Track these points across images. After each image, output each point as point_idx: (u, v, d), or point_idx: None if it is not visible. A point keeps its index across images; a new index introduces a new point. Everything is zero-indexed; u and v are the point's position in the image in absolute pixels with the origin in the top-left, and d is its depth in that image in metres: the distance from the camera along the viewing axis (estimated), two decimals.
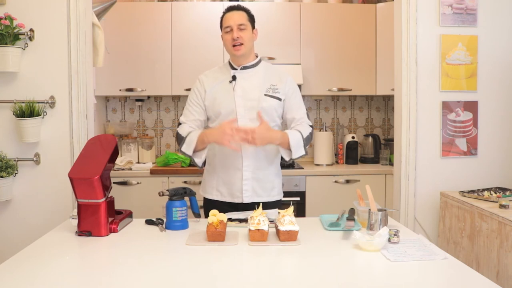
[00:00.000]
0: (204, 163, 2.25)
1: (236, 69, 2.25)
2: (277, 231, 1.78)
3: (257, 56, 2.29)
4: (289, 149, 2.15)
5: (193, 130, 2.20)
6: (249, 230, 1.75)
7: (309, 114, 2.33)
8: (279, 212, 1.82)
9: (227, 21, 2.19)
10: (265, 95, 2.21)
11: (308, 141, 2.22)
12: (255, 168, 2.21)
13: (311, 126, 2.26)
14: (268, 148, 2.24)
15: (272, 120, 2.23)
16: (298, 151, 2.16)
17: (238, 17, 2.17)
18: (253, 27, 2.24)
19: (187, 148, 2.16)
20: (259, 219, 1.74)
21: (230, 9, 2.22)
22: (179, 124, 2.28)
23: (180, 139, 2.20)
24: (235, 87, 2.21)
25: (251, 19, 2.23)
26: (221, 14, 2.24)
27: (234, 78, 2.22)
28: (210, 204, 2.26)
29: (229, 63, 2.28)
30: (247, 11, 2.23)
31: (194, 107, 2.26)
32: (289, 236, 1.74)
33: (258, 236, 1.74)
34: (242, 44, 2.16)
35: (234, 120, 2.13)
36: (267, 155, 2.25)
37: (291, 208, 1.81)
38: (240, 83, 2.22)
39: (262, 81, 2.24)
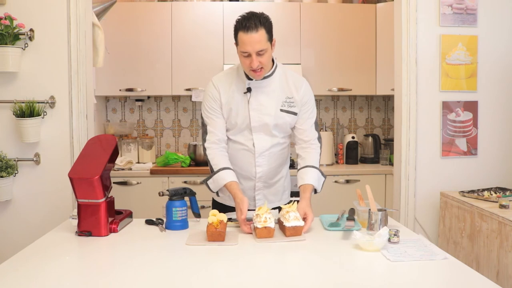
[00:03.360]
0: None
1: (251, 79, 2.07)
2: (283, 227, 1.81)
3: (273, 62, 2.09)
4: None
5: (225, 167, 2.05)
6: (256, 228, 1.77)
7: (317, 122, 2.21)
8: (280, 208, 1.85)
9: (244, 45, 1.92)
10: (281, 110, 2.09)
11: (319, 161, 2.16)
12: (267, 178, 2.19)
13: (318, 138, 2.15)
14: (280, 158, 2.20)
15: (285, 132, 2.17)
16: (320, 185, 2.13)
17: (257, 42, 1.91)
18: (272, 39, 1.99)
19: (213, 185, 2.08)
20: (265, 217, 1.77)
21: (246, 28, 1.91)
22: (205, 133, 2.13)
23: (209, 167, 2.10)
24: (250, 100, 2.08)
25: (270, 34, 1.97)
26: (236, 24, 1.97)
27: (249, 90, 2.07)
28: (219, 207, 2.23)
29: (244, 71, 2.09)
30: (265, 25, 1.94)
31: (217, 113, 2.11)
32: (295, 232, 1.78)
33: (265, 233, 1.77)
34: (262, 68, 1.98)
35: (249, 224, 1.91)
36: (278, 165, 2.22)
37: (295, 204, 1.84)
38: (256, 96, 2.07)
39: (278, 93, 2.09)
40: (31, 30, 2.59)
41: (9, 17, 2.49)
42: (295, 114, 2.12)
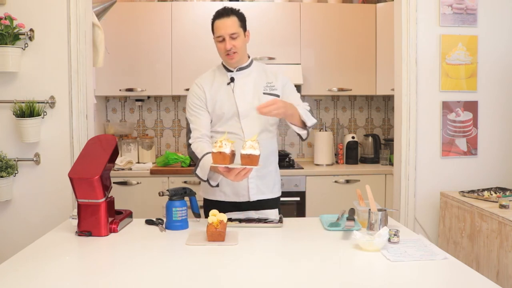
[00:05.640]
0: (218, 184, 2.16)
1: (231, 71, 2.25)
2: (240, 155, 1.82)
3: (249, 57, 2.29)
4: (302, 122, 2.15)
5: (208, 152, 2.05)
6: (212, 153, 1.81)
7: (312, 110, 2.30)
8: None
9: (219, 30, 2.15)
10: (264, 93, 2.23)
11: (312, 113, 2.21)
12: (258, 167, 2.21)
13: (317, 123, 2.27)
14: (270, 147, 2.26)
15: (272, 117, 2.22)
16: (310, 119, 2.17)
17: (229, 26, 2.13)
18: (245, 30, 2.21)
19: (201, 173, 2.09)
20: (222, 142, 1.79)
21: (220, 15, 2.16)
22: (189, 131, 2.22)
23: (194, 159, 2.14)
24: (234, 89, 2.22)
25: (243, 23, 2.19)
26: (212, 17, 2.20)
27: (232, 79, 2.23)
28: (211, 205, 2.24)
29: (223, 66, 2.28)
30: (237, 14, 2.17)
31: (200, 111, 2.22)
32: (250, 160, 1.80)
33: (220, 159, 1.79)
34: (235, 52, 2.16)
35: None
36: (268, 154, 2.26)
37: (255, 136, 1.88)
38: (238, 84, 2.23)
39: (258, 80, 2.26)
40: (31, 30, 2.59)
41: (9, 17, 2.49)
42: (277, 96, 2.24)
